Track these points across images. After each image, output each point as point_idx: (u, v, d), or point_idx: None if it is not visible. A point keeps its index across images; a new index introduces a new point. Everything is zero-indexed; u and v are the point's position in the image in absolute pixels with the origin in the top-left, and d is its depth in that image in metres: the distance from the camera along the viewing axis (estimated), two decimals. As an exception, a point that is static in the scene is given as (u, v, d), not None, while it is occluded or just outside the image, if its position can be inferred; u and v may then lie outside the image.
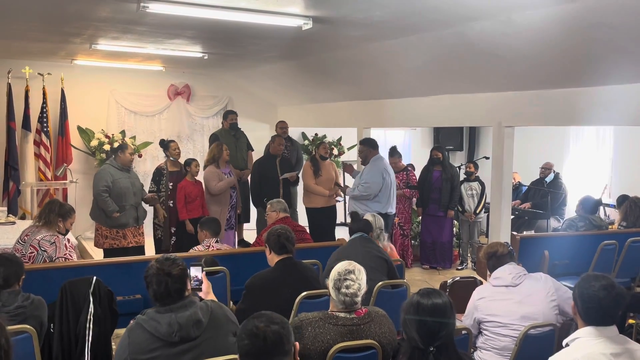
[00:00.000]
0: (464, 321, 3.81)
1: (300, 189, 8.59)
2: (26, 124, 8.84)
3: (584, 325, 2.67)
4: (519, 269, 3.79)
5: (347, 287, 2.95)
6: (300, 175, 8.27)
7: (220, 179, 7.31)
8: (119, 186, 6.71)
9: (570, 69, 5.48)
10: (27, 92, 8.85)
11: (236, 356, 2.29)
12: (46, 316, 3.69)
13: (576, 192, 8.82)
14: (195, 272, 3.30)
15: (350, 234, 5.17)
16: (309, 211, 8.07)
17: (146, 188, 7.44)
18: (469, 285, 4.63)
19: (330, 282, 3.03)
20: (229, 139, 8.21)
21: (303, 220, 8.23)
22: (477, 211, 8.67)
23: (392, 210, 7.21)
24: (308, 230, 7.07)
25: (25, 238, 4.96)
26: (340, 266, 3.06)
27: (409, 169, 8.81)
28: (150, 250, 7.35)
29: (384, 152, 8.00)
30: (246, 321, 2.28)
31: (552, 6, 4.44)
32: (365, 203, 6.98)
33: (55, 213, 5.07)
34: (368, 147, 7.16)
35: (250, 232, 8.49)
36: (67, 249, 4.97)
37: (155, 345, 2.68)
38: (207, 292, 3.41)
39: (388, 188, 7.03)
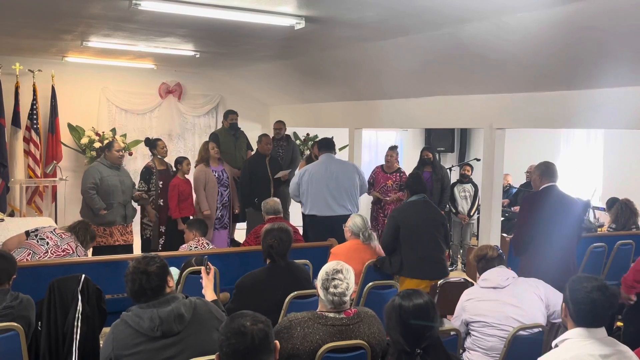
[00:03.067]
0: (453, 322, 3.81)
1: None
2: (16, 121, 8.78)
3: (574, 326, 2.68)
4: (508, 272, 3.80)
5: (335, 287, 2.94)
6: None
7: (206, 180, 7.28)
8: (107, 184, 6.71)
9: (561, 72, 5.50)
10: (17, 88, 8.79)
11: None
12: (34, 316, 3.66)
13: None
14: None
15: (411, 192, 5.38)
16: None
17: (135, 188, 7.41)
18: (459, 287, 4.63)
19: (318, 282, 3.03)
20: (228, 138, 8.21)
21: (295, 220, 8.22)
22: (471, 213, 8.69)
23: (320, 212, 6.64)
24: (302, 230, 7.07)
25: (63, 235, 5.08)
26: (328, 266, 3.06)
27: (402, 170, 8.81)
28: (138, 250, 7.32)
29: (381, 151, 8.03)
30: (229, 320, 2.27)
31: (544, 9, 4.46)
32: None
33: (90, 236, 5.30)
34: (317, 147, 7.08)
35: (242, 231, 8.46)
36: None
37: (138, 341, 2.69)
38: (205, 287, 3.50)
39: (307, 190, 6.66)
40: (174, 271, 4.20)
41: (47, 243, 4.96)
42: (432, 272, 5.10)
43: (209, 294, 3.49)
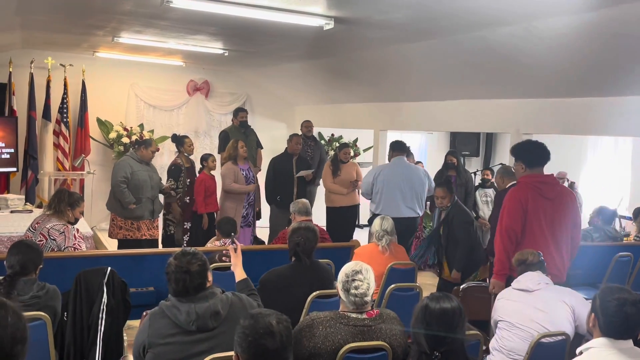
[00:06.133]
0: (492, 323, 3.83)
1: (319, 189, 8.61)
2: (46, 114, 8.93)
3: (600, 335, 2.65)
4: (542, 277, 3.77)
5: (356, 288, 2.94)
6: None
7: (236, 176, 7.32)
8: (137, 178, 6.73)
9: (590, 78, 5.45)
10: (48, 82, 8.94)
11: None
12: (60, 306, 3.71)
13: (592, 202, 8.75)
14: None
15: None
16: (329, 210, 8.08)
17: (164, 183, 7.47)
18: (480, 291, 4.62)
19: (339, 284, 3.03)
20: (238, 136, 8.22)
21: (319, 220, 8.24)
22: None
23: (390, 213, 6.52)
24: (325, 229, 7.09)
25: (36, 226, 4.99)
26: (347, 267, 3.06)
27: None
28: (161, 245, 7.37)
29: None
30: (253, 321, 2.24)
31: (574, 14, 4.42)
32: (371, 202, 7.02)
33: (64, 202, 5.09)
34: (390, 148, 7.21)
35: (262, 229, 8.49)
36: (75, 239, 4.99)
37: (173, 332, 2.75)
38: (234, 265, 3.57)
39: (381, 190, 6.79)
40: None
41: None
42: None
43: (239, 272, 3.55)
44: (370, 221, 7.01)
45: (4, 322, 1.81)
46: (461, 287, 4.64)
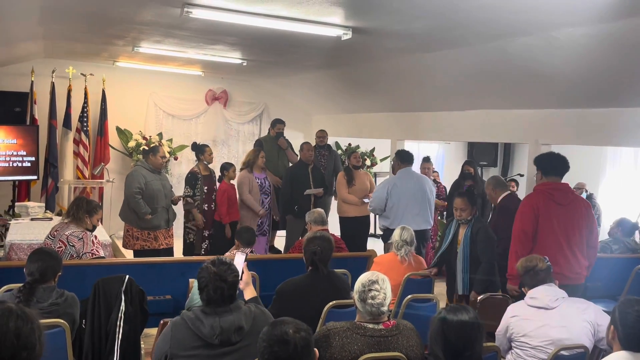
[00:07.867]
0: (497, 337, 3.72)
1: (334, 198, 8.60)
2: (67, 123, 9.04)
3: (620, 349, 2.61)
4: (557, 291, 3.62)
5: (373, 298, 2.93)
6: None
7: (251, 186, 7.36)
8: (151, 188, 6.71)
9: (610, 89, 5.41)
10: (69, 91, 9.05)
11: None
12: (78, 313, 3.73)
13: (611, 214, 8.66)
14: (238, 260, 3.34)
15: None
16: (342, 220, 8.07)
17: (181, 191, 7.49)
18: (499, 303, 4.57)
19: (355, 295, 3.02)
20: (272, 146, 8.27)
21: (334, 229, 8.23)
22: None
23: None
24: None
25: (55, 233, 5.03)
26: (364, 277, 3.05)
27: (438, 181, 8.76)
28: (179, 253, 7.39)
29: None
30: (271, 327, 2.28)
31: (593, 25, 4.40)
32: (381, 217, 6.93)
33: (82, 209, 5.13)
34: (397, 158, 7.11)
35: (281, 239, 8.51)
36: (94, 245, 5.02)
37: (196, 344, 2.74)
38: (246, 283, 3.45)
39: (397, 204, 6.71)
40: None
41: None
42: None
43: (249, 291, 3.48)
44: (384, 233, 6.99)
45: (4, 327, 1.78)
46: (479, 298, 4.60)
